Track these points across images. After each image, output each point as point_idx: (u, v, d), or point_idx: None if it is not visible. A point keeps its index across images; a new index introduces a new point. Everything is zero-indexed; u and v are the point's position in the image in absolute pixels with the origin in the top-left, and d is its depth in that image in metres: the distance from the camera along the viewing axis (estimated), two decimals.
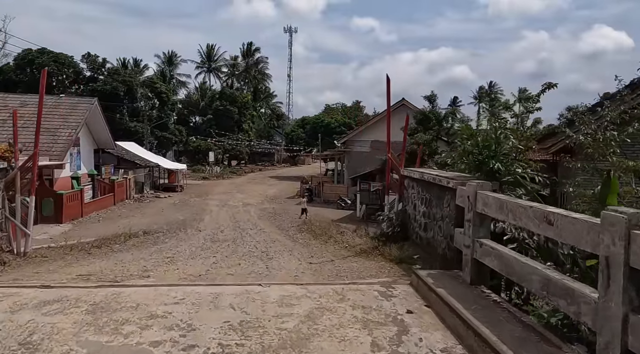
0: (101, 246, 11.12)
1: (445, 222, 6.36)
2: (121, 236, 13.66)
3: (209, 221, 21.98)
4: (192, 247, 11.68)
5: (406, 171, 8.27)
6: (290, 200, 34.65)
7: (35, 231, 20.87)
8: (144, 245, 11.98)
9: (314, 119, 57.23)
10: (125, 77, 47.55)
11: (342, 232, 13.97)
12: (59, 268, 8.30)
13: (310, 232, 16.13)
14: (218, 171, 59.79)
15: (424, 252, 6.98)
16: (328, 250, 10.32)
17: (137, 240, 13.15)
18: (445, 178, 6.23)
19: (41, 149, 22.80)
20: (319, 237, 14.00)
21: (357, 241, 10.99)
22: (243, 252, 10.27)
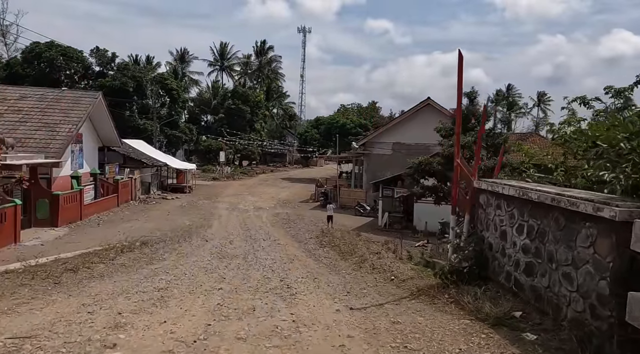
0: (80, 268, 9.01)
1: (583, 272, 4.20)
2: (113, 249, 11.68)
3: (218, 228, 19.99)
4: (194, 268, 9.63)
5: (485, 182, 6.00)
6: (305, 204, 32.62)
7: (27, 235, 19.11)
8: (137, 264, 9.97)
9: (329, 120, 55.11)
10: (135, 72, 45.94)
11: (377, 253, 11.71)
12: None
13: (333, 247, 13.98)
14: (229, 171, 57.97)
15: (530, 307, 4.80)
16: (367, 281, 8.17)
17: (131, 256, 11.13)
18: (589, 201, 4.01)
19: (38, 145, 21.11)
20: (347, 256, 11.87)
21: (401, 268, 8.85)
22: (257, 281, 8.16)
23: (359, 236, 17.37)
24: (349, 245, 13.78)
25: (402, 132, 29.13)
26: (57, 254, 12.08)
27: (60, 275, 8.11)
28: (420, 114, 28.52)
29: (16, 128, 21.75)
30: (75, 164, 25.62)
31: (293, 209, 29.87)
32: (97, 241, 17.06)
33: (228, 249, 13.31)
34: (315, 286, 7.61)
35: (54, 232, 18.85)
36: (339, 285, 7.72)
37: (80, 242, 16.93)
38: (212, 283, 7.84)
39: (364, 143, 30.33)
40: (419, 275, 7.62)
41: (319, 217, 25.60)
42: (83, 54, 45.56)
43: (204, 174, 54.44)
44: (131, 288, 7.10)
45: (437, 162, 15.69)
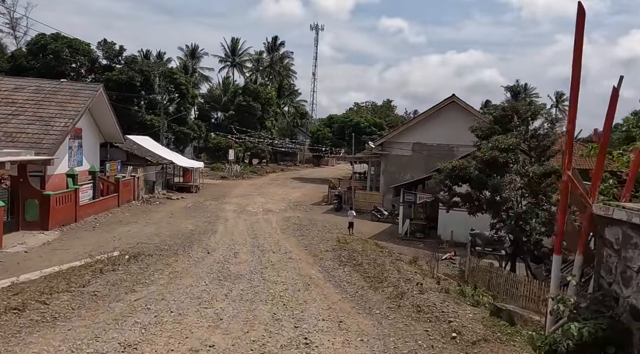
0: (31, 304, 6.98)
1: None
2: (92, 266, 9.81)
3: (222, 235, 18.10)
4: (185, 300, 7.74)
5: (621, 210, 3.75)
6: (317, 207, 30.66)
7: (11, 239, 17.37)
8: (113, 293, 8.11)
9: (342, 118, 53.05)
10: (142, 66, 44.33)
11: (418, 285, 9.47)
12: None
13: (356, 266, 11.97)
14: (238, 170, 56.22)
15: None
16: (415, 335, 6.13)
17: (111, 278, 9.25)
18: None
19: (30, 140, 19.40)
20: (375, 283, 9.87)
21: (460, 313, 6.79)
22: (263, 328, 6.24)
23: (381, 248, 15.35)
24: (374, 264, 11.77)
25: (423, 131, 27.05)
26: (16, 276, 10.17)
27: (5, 312, 6.18)
28: (444, 112, 26.39)
29: (7, 121, 20.10)
30: (73, 161, 23.94)
31: (305, 212, 27.92)
32: (89, 248, 15.36)
33: (231, 265, 11.41)
34: (344, 340, 5.64)
35: (43, 236, 17.12)
36: (377, 340, 5.73)
37: (69, 249, 15.22)
38: (202, 331, 5.92)
39: (381, 143, 28.29)
40: (493, 334, 5.59)
41: (333, 223, 23.63)
42: (90, 47, 44.04)
43: (213, 172, 52.78)
44: (87, 344, 5.18)
45: (473, 167, 13.63)
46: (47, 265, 13.22)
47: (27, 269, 12.58)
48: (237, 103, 66.36)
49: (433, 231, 21.41)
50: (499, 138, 13.22)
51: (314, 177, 57.52)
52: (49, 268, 11.28)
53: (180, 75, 49.15)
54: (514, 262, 14.05)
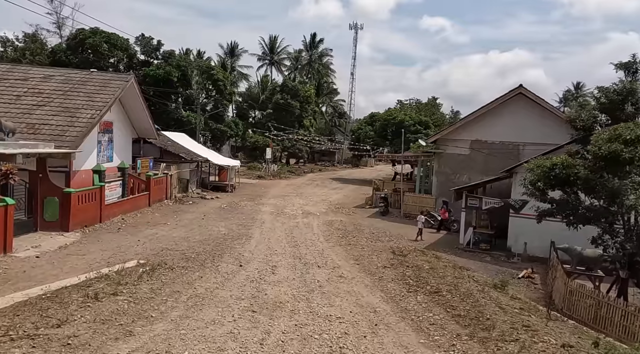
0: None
1: None
2: (88, 287, 7.69)
3: (258, 242, 15.83)
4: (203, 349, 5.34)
5: None
6: (360, 211, 28.05)
7: (26, 242, 15.66)
8: (98, 338, 5.86)
9: (385, 116, 50.01)
10: (180, 61, 43.08)
11: (536, 334, 6.68)
12: None
13: (433, 295, 9.23)
14: (275, 169, 54.38)
15: None
16: None
17: (106, 308, 7.02)
18: None
19: (53, 132, 17.80)
20: (477, 330, 7.12)
21: None
22: None
23: (454, 266, 12.57)
24: (457, 292, 9.06)
25: (483, 128, 23.93)
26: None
27: None
28: (509, 106, 23.17)
29: (32, 112, 18.65)
30: (102, 156, 22.41)
31: (348, 216, 25.37)
32: (107, 254, 13.41)
33: (269, 287, 9.04)
34: None
35: (61, 238, 15.39)
36: None
37: (85, 255, 13.33)
38: None
39: (435, 140, 25.35)
40: None
41: (381, 229, 20.96)
42: (128, 43, 43.21)
43: (249, 171, 51.17)
44: None
45: (582, 165, 10.58)
46: (55, 274, 11.33)
47: (28, 280, 10.70)
48: (275, 101, 64.67)
49: (500, 242, 18.36)
50: (620, 127, 10.14)
51: (354, 178, 54.88)
52: (41, 284, 9.30)
53: (218, 70, 47.69)
54: (625, 288, 11.01)
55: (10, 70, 21.71)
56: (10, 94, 19.73)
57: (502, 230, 18.52)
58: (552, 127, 22.13)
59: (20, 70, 21.85)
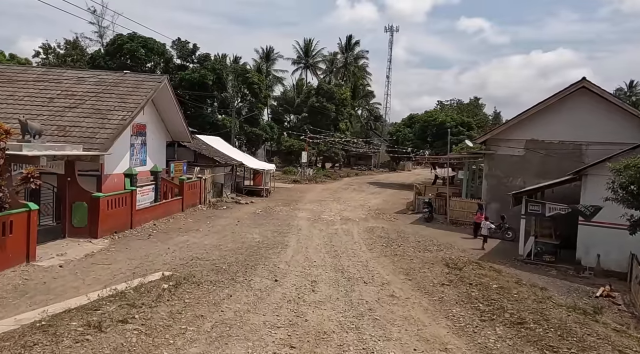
0: None
1: None
2: (95, 311, 6.57)
3: (295, 251, 14.51)
4: None
5: None
6: (402, 216, 26.33)
7: (52, 249, 14.93)
8: None
9: (425, 117, 47.90)
10: (215, 64, 42.69)
11: None
12: None
13: (515, 326, 7.45)
14: (311, 173, 53.26)
15: None
16: None
17: (108, 342, 5.74)
18: None
19: (83, 134, 17.15)
20: None
21: None
22: None
23: (530, 286, 10.77)
24: (548, 324, 7.35)
25: (539, 126, 21.77)
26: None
27: None
28: (570, 102, 20.94)
29: (63, 114, 18.15)
30: (135, 159, 21.78)
31: (389, 222, 23.73)
32: (134, 263, 12.43)
33: (309, 309, 7.67)
34: None
35: (89, 245, 14.59)
36: None
37: (110, 265, 12.39)
38: None
39: (484, 140, 23.36)
40: None
41: (427, 238, 19.22)
42: (165, 47, 43.25)
43: (285, 176, 50.28)
44: None
45: None
46: (76, 286, 10.40)
47: (46, 293, 9.81)
48: (311, 105, 63.68)
49: (565, 253, 16.25)
50: None
51: (392, 182, 53.01)
52: (59, 298, 8.32)
53: (253, 73, 47.09)
54: None
55: (45, 73, 21.46)
56: (44, 96, 19.38)
57: (568, 240, 16.42)
58: (621, 124, 19.83)
59: (54, 73, 21.58)
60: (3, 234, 11.12)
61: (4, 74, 20.78)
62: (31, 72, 21.36)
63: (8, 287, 10.25)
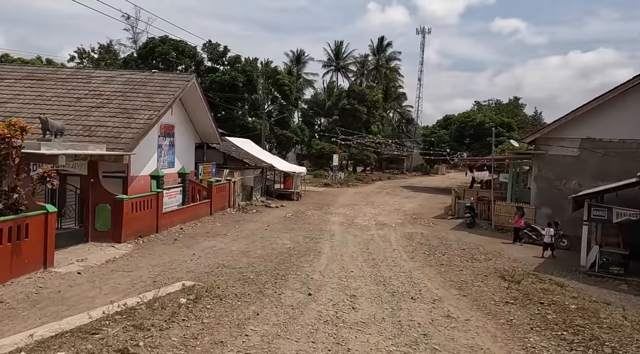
0: None
1: None
2: (99, 331, 5.44)
3: (329, 259, 13.27)
4: None
5: None
6: (441, 221, 24.69)
7: (74, 254, 14.14)
8: None
9: (462, 118, 45.81)
10: (245, 66, 42.14)
11: None
12: None
13: None
14: (342, 177, 51.98)
15: None
16: None
17: None
18: None
19: (108, 134, 16.48)
20: None
21: None
22: None
23: (621, 308, 9.15)
24: None
25: (596, 123, 19.81)
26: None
27: None
28: (633, 96, 18.92)
29: (89, 114, 17.60)
30: (163, 161, 21.11)
31: (428, 227, 22.17)
32: (156, 270, 11.53)
33: (350, 338, 6.40)
34: None
35: (111, 250, 13.79)
36: None
37: (131, 272, 11.50)
38: None
39: (533, 140, 21.51)
40: None
41: (472, 245, 17.60)
42: (196, 50, 43.09)
43: (315, 179, 49.24)
44: None
45: None
46: (92, 296, 9.51)
47: (59, 304, 8.97)
48: (342, 107, 62.50)
49: (636, 264, 14.34)
50: None
51: (426, 186, 51.10)
52: (71, 309, 7.36)
53: (283, 75, 46.33)
54: None
55: (75, 73, 21.13)
56: (72, 96, 18.95)
57: (638, 249, 14.50)
58: None
59: (83, 72, 21.22)
60: (18, 239, 10.36)
61: (34, 74, 20.55)
62: (61, 72, 21.06)
63: (20, 296, 9.45)
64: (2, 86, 19.41)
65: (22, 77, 20.30)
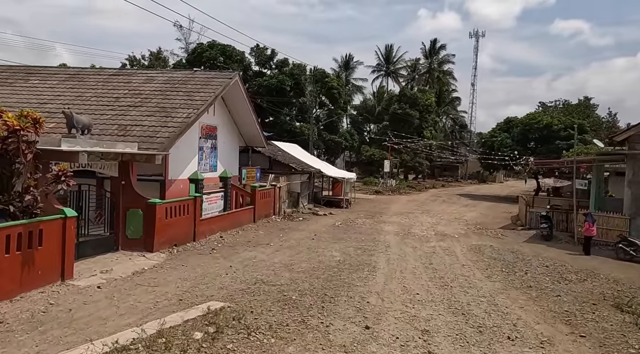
0: None
1: None
2: None
3: (387, 277, 11.13)
4: None
5: None
6: (510, 232, 21.79)
7: (99, 264, 12.30)
8: None
9: (527, 120, 41.95)
10: (293, 69, 40.89)
11: None
12: None
13: None
14: (393, 184, 49.43)
15: None
16: None
17: None
18: None
19: (144, 133, 15.22)
20: None
21: None
22: None
23: None
24: None
25: None
26: None
27: None
28: None
29: (126, 113, 16.55)
30: (205, 164, 19.83)
31: (497, 239, 19.42)
32: (185, 285, 9.96)
33: None
34: None
35: (141, 260, 12.38)
36: None
37: (156, 287, 9.96)
38: None
39: (625, 139, 18.29)
40: None
41: (555, 261, 14.76)
42: (244, 55, 42.37)
43: (365, 186, 47.02)
44: None
45: None
46: (106, 316, 7.97)
47: (66, 326, 7.55)
48: (392, 112, 60.00)
49: None
50: None
51: (484, 194, 47.50)
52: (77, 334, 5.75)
53: (331, 78, 44.67)
54: None
55: (116, 73, 20.39)
56: (111, 96, 18.07)
57: None
58: None
59: (125, 72, 20.46)
60: (30, 247, 9.04)
61: (76, 76, 19.99)
62: (103, 73, 20.38)
63: (24, 315, 8.05)
64: (45, 87, 18.90)
65: (66, 78, 19.79)
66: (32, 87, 18.92)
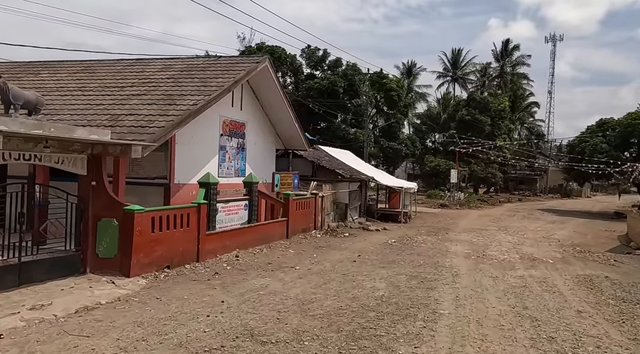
0: None
1: None
2: None
3: (456, 333, 6.84)
4: None
5: None
6: (624, 257, 16.32)
7: (33, 295, 6.93)
8: None
9: (628, 120, 34.99)
10: (347, 70, 37.26)
11: None
12: None
13: None
14: (462, 197, 43.88)
15: None
16: None
17: None
18: None
19: (136, 123, 12.10)
20: None
21: None
22: None
23: None
24: None
25: None
26: None
27: None
28: None
29: (125, 102, 13.61)
30: (227, 167, 16.54)
31: (610, 267, 14.15)
32: (135, 336, 6.29)
33: None
34: None
35: (106, 290, 8.99)
36: None
37: (90, 337, 6.46)
38: None
39: None
40: None
41: None
42: (295, 58, 39.52)
43: (429, 200, 42.02)
44: None
45: None
46: None
47: None
48: (459, 118, 54.40)
49: None
50: None
51: (572, 210, 40.50)
52: None
53: (390, 79, 40.50)
54: None
55: (132, 64, 17.83)
56: (116, 85, 15.38)
57: None
58: None
59: (142, 62, 17.83)
60: None
61: (89, 68, 17.69)
62: (119, 64, 17.93)
63: None
64: (52, 80, 16.69)
65: (78, 71, 17.53)
66: (39, 80, 16.76)
